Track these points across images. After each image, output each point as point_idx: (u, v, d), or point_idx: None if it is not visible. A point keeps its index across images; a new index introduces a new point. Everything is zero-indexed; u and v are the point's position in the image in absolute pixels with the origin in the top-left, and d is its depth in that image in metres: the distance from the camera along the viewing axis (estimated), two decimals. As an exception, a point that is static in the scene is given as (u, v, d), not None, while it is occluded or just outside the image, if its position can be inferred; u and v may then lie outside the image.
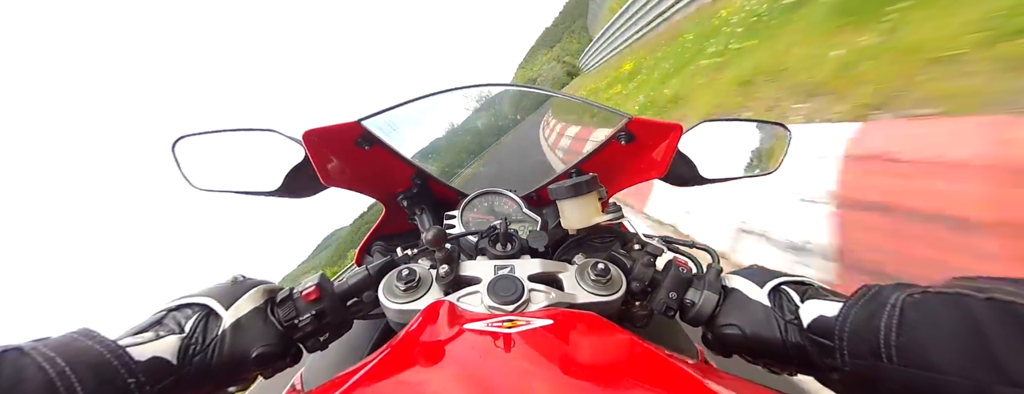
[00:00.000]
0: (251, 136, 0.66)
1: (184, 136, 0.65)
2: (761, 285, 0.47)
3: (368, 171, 0.76)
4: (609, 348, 0.34)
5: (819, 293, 0.44)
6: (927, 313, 0.30)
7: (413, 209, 0.79)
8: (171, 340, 0.40)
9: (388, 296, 0.47)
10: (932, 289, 0.32)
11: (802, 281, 0.47)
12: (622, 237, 0.61)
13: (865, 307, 0.35)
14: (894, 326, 0.31)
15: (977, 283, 0.30)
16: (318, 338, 0.51)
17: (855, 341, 0.34)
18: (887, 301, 0.33)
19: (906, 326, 0.31)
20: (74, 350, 0.32)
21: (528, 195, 0.85)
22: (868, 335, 0.33)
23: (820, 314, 0.40)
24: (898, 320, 0.31)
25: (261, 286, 0.49)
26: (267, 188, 0.67)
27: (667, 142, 0.66)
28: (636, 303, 0.54)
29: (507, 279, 0.46)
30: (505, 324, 0.35)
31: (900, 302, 0.32)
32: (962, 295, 0.29)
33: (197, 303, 0.45)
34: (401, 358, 0.31)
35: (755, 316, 0.45)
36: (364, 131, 0.65)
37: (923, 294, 0.32)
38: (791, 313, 0.43)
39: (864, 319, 0.34)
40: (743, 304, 0.47)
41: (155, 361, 0.37)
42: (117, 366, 0.33)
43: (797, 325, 0.42)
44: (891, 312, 0.32)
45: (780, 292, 0.46)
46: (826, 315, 0.39)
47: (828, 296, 0.43)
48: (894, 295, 0.33)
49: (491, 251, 0.58)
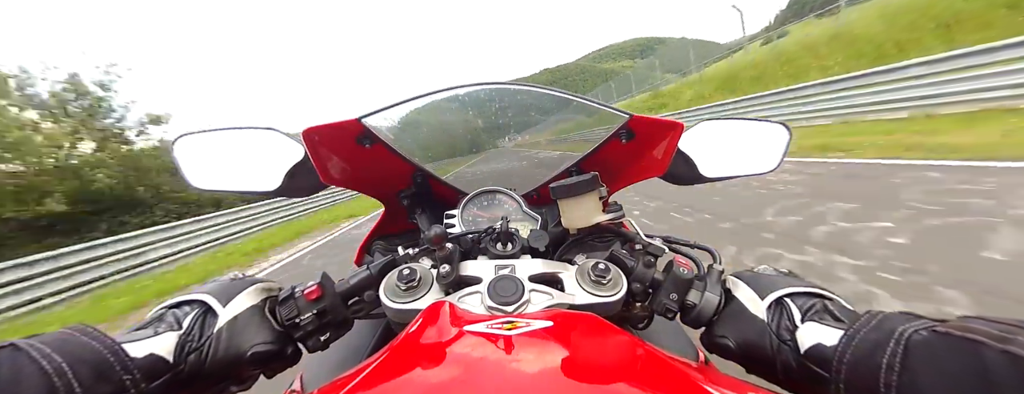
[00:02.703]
0: (251, 134, 0.66)
1: (184, 135, 0.65)
2: (763, 295, 0.45)
3: (368, 169, 0.76)
4: (609, 350, 0.34)
5: (824, 312, 0.42)
6: (934, 355, 0.28)
7: (413, 208, 0.79)
8: (168, 337, 0.40)
9: (389, 296, 0.47)
10: (941, 328, 0.30)
11: (811, 292, 0.44)
12: (623, 237, 0.61)
13: (867, 338, 0.33)
14: (897, 365, 0.30)
15: (992, 327, 0.28)
16: (319, 338, 0.51)
17: (853, 375, 0.33)
18: (892, 335, 0.31)
19: (910, 366, 0.29)
20: (71, 346, 0.32)
21: (528, 194, 0.85)
22: (868, 371, 0.31)
23: (818, 341, 0.38)
24: (901, 358, 0.30)
25: (258, 284, 0.49)
26: (267, 187, 0.67)
27: (667, 140, 0.66)
28: (636, 304, 0.54)
29: (508, 279, 0.46)
30: (505, 326, 0.35)
31: (906, 338, 0.30)
32: (975, 341, 0.27)
33: (196, 300, 0.45)
34: (401, 361, 0.31)
35: (749, 330, 0.44)
36: (364, 129, 0.65)
37: (931, 332, 0.30)
38: (788, 333, 0.41)
39: (865, 353, 0.32)
40: (739, 315, 0.46)
41: (151, 358, 0.37)
42: (113, 362, 0.33)
43: (792, 348, 0.40)
44: (894, 349, 0.30)
45: (782, 305, 0.44)
46: (825, 344, 0.37)
47: (831, 319, 0.40)
48: (900, 328, 0.31)
49: (492, 250, 0.58)
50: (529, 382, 0.27)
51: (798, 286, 0.45)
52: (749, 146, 0.76)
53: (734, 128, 0.76)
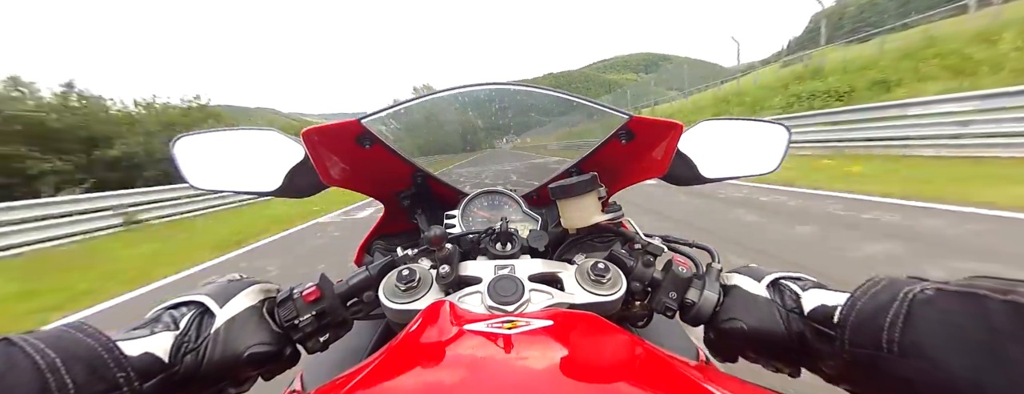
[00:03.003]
0: (251, 135, 0.67)
1: (183, 136, 0.65)
2: (759, 279, 0.47)
3: (368, 170, 0.76)
4: (609, 349, 0.34)
5: (819, 285, 0.44)
6: (939, 309, 0.29)
7: (413, 208, 0.79)
8: (165, 337, 0.39)
9: (388, 296, 0.47)
10: (947, 287, 0.30)
11: (800, 277, 0.47)
12: (622, 236, 0.61)
13: (873, 298, 0.34)
14: (901, 319, 0.30)
15: (996, 282, 0.28)
16: (318, 339, 0.50)
17: (858, 331, 0.33)
18: (897, 294, 0.32)
19: (914, 319, 0.30)
20: (66, 342, 0.32)
21: (528, 194, 0.85)
22: (873, 326, 0.32)
23: (822, 303, 0.39)
24: (906, 313, 0.30)
25: (256, 285, 0.49)
26: (267, 188, 0.67)
27: (667, 141, 0.66)
28: (636, 303, 0.54)
29: (507, 279, 0.46)
30: (505, 325, 0.35)
31: (911, 296, 0.31)
32: (979, 294, 0.27)
33: (193, 301, 0.45)
34: (401, 360, 0.31)
35: (758, 309, 0.45)
36: (364, 130, 0.65)
37: (937, 290, 0.30)
38: (793, 301, 0.43)
39: (871, 310, 0.33)
40: (745, 298, 0.47)
41: (146, 357, 0.37)
42: (107, 360, 0.33)
43: (799, 314, 0.42)
44: (899, 307, 0.31)
45: (779, 285, 0.46)
46: (828, 304, 0.38)
47: (830, 287, 0.42)
48: (905, 288, 0.32)
49: (491, 251, 0.58)
50: (529, 381, 0.27)
51: (790, 271, 0.48)
52: (749, 146, 0.76)
53: (734, 128, 0.76)
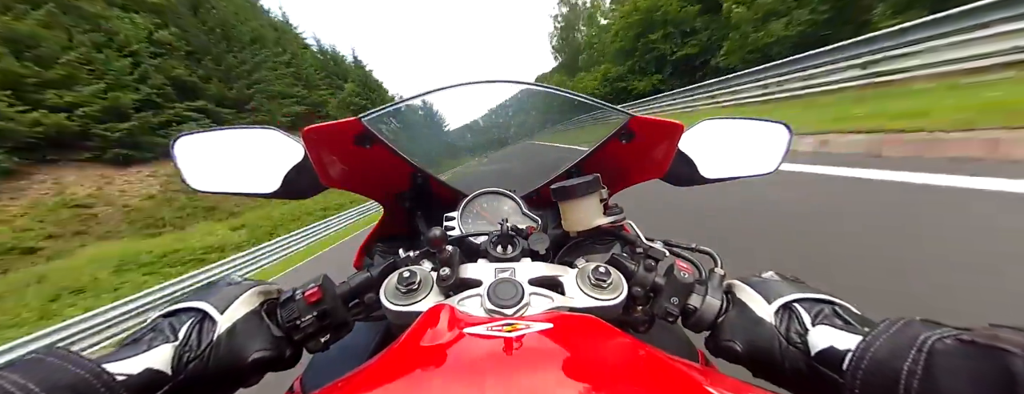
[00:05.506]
0: (250, 134, 0.66)
1: (183, 135, 0.64)
2: (770, 300, 0.44)
3: (368, 170, 0.76)
4: (610, 352, 0.34)
5: (836, 317, 0.40)
6: (958, 364, 0.27)
7: (413, 209, 0.79)
8: (164, 349, 0.39)
9: (389, 298, 0.47)
10: (966, 336, 0.29)
11: (821, 299, 0.43)
12: (624, 239, 0.60)
13: (887, 343, 0.32)
14: (919, 371, 0.29)
15: (1021, 336, 0.27)
16: (319, 339, 0.50)
17: (870, 381, 0.31)
18: (913, 341, 0.30)
19: (932, 374, 0.28)
20: (45, 372, 0.30)
21: (528, 195, 0.84)
22: (887, 377, 0.30)
23: (831, 345, 0.36)
24: (924, 365, 0.29)
25: (256, 288, 0.49)
26: (267, 188, 0.67)
27: (668, 141, 0.66)
28: (637, 308, 0.53)
29: (508, 282, 0.46)
30: (505, 328, 0.35)
31: (929, 345, 0.29)
32: (1003, 350, 0.26)
33: (191, 308, 0.44)
34: (401, 363, 0.31)
35: (757, 336, 0.43)
36: (364, 129, 0.64)
37: (955, 340, 0.29)
38: (798, 336, 0.40)
39: (884, 359, 0.31)
40: (745, 319, 0.45)
41: (147, 373, 0.36)
42: (96, 385, 0.31)
43: (802, 351, 0.39)
44: (916, 356, 0.29)
45: (791, 310, 0.43)
46: (838, 347, 0.36)
47: (843, 323, 0.39)
48: (923, 335, 0.30)
49: (492, 253, 0.58)
50: (529, 384, 0.26)
51: (806, 292, 0.44)
52: (749, 146, 0.76)
53: (734, 127, 0.76)
